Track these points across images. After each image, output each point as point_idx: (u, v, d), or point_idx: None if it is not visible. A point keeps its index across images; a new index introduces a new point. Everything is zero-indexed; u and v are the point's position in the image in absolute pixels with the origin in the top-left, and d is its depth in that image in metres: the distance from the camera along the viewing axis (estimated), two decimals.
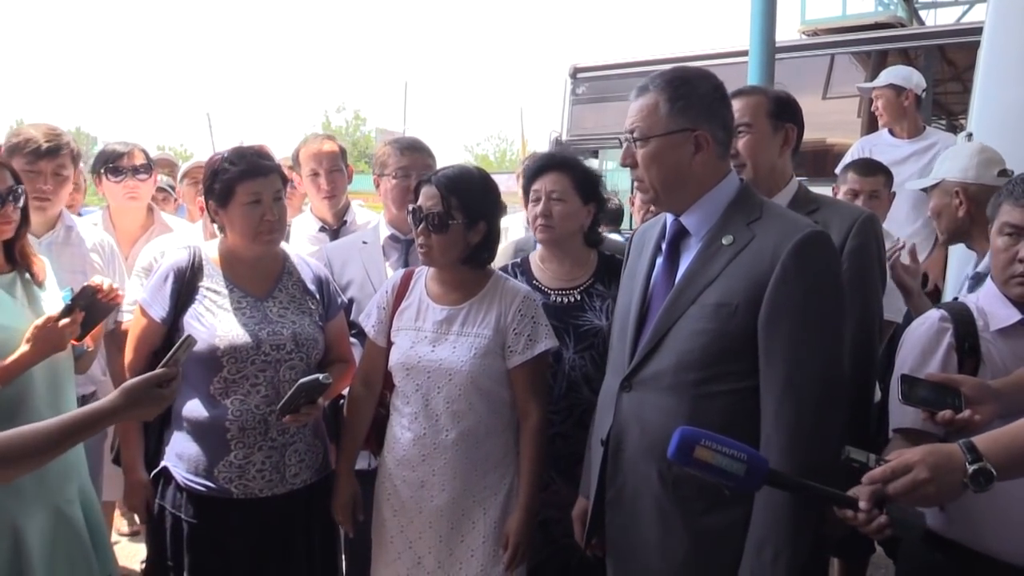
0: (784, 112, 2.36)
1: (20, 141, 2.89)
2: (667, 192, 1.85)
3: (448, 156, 39.18)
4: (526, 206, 2.67)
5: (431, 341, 2.30)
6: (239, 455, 2.31)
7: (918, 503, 1.42)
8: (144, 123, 70.27)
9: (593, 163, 9.69)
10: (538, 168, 2.58)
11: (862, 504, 1.41)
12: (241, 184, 2.30)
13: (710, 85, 1.83)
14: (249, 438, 2.31)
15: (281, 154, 3.84)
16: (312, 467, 2.43)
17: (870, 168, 3.58)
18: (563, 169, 2.55)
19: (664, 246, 1.92)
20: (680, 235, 1.89)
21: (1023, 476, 1.46)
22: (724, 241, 1.78)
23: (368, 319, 2.43)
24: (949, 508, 1.87)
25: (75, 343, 2.34)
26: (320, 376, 2.21)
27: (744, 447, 1.46)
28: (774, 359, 1.69)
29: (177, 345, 1.85)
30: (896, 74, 4.63)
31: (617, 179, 9.77)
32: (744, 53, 4.50)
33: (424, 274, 2.42)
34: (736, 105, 2.15)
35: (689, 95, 1.80)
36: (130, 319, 2.60)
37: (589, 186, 2.57)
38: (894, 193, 3.66)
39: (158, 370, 1.78)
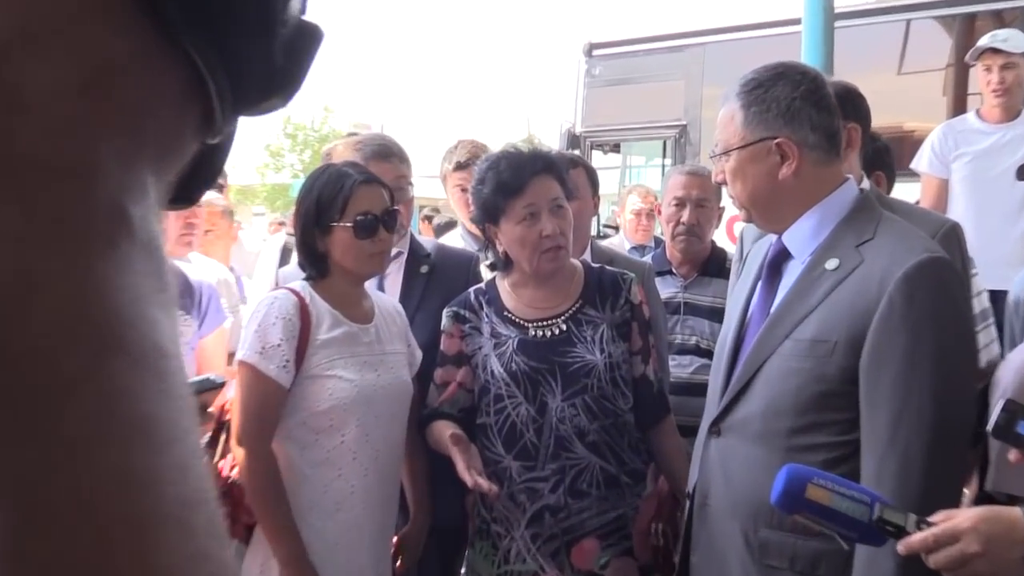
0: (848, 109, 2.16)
1: None
2: (758, 210, 1.79)
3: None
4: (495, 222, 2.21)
5: (373, 366, 2.11)
6: None
7: None
8: None
9: (615, 159, 8.72)
10: (528, 175, 2.15)
11: None
12: None
13: (790, 84, 1.73)
14: None
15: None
16: None
17: None
18: (553, 170, 2.20)
19: (764, 268, 1.83)
20: (782, 256, 1.79)
21: None
22: (828, 266, 1.67)
23: (267, 357, 2.02)
24: None
25: None
26: (212, 376, 2.10)
27: (867, 489, 1.39)
28: (876, 410, 1.58)
29: None
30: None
31: (644, 178, 8.91)
32: (797, 22, 4.14)
33: (313, 293, 2.12)
34: None
35: (764, 99, 1.73)
36: None
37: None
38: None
39: None
